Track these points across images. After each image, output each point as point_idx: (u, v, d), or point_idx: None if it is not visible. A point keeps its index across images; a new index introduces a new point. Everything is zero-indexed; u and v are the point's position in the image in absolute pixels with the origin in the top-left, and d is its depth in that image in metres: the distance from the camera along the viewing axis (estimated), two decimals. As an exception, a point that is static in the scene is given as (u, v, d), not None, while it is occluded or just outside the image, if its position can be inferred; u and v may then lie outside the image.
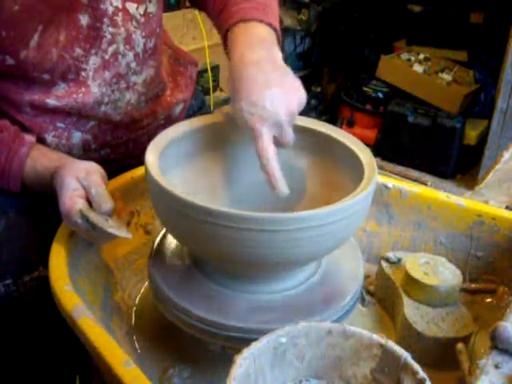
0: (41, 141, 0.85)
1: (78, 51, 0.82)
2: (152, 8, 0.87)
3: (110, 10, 0.82)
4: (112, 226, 0.70)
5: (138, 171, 0.87)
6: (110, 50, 0.84)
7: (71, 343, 0.73)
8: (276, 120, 0.69)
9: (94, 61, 0.84)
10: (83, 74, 0.84)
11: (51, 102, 0.83)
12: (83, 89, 0.84)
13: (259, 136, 0.69)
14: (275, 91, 0.70)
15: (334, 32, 2.88)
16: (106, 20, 0.82)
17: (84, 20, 0.80)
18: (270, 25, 0.81)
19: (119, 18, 0.83)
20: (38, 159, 0.80)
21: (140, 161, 0.74)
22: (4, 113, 0.85)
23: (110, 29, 0.83)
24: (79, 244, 0.76)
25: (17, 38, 0.76)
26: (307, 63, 2.99)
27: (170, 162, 0.75)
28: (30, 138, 0.81)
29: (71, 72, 0.83)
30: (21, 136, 0.81)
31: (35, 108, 0.84)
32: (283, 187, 0.69)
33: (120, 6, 0.83)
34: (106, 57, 0.85)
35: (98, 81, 0.85)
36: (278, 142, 0.71)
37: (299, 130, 0.80)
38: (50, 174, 0.77)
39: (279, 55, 0.76)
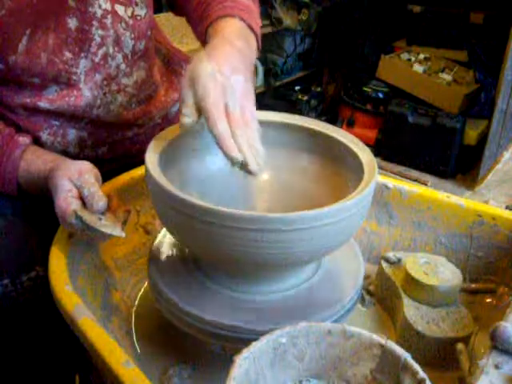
0: (36, 139, 0.85)
1: (68, 55, 0.81)
2: (139, 11, 0.87)
3: (99, 12, 0.82)
4: (105, 225, 0.70)
5: (138, 171, 0.87)
6: (100, 52, 0.84)
7: (70, 343, 0.73)
8: (232, 95, 0.66)
9: (84, 64, 0.84)
10: (74, 77, 0.84)
11: (43, 104, 0.83)
12: (75, 92, 0.84)
13: (216, 104, 0.65)
14: (241, 80, 0.69)
15: (334, 32, 2.88)
16: (94, 23, 0.82)
17: (72, 23, 0.80)
18: (252, 28, 0.82)
19: (108, 21, 0.83)
20: (33, 161, 0.79)
21: (139, 160, 0.74)
22: None
23: (99, 31, 0.83)
24: (79, 244, 0.76)
25: (5, 42, 0.76)
26: (307, 63, 3.00)
27: (170, 161, 0.75)
28: (24, 140, 0.81)
29: (62, 76, 0.82)
30: (15, 138, 0.80)
31: (28, 110, 0.84)
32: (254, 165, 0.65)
33: (109, 9, 0.83)
34: (96, 59, 0.84)
35: (90, 84, 0.85)
36: None
37: (299, 129, 0.80)
38: (45, 176, 0.76)
39: (254, 58, 0.79)
